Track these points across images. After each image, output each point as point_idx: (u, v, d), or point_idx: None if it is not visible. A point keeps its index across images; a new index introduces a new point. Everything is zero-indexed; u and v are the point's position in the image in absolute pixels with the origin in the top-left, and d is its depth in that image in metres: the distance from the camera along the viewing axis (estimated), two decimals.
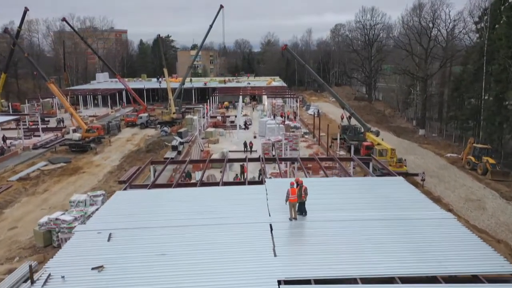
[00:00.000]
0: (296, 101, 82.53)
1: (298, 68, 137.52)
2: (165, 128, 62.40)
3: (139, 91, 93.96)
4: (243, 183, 24.19)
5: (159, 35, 69.82)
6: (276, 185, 21.99)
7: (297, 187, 17.17)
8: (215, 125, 64.12)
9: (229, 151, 47.10)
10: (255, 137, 56.07)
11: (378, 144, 38.99)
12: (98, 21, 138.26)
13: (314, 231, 16.27)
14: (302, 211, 17.37)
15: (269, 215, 17.60)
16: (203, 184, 24.06)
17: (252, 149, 46.39)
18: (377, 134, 46.87)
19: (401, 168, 35.18)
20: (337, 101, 51.89)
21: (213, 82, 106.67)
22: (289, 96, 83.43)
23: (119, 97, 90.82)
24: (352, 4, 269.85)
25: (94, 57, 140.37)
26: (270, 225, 16.66)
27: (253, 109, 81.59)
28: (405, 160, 38.63)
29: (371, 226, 16.49)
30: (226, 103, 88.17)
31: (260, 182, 23.28)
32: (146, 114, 68.60)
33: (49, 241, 25.48)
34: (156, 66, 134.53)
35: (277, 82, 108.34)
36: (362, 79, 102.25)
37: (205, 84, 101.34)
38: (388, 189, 21.19)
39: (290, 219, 17.01)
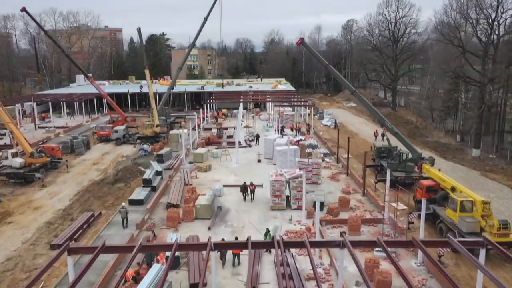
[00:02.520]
0: (307, 108, 68.89)
1: (306, 69, 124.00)
2: (145, 146, 48.91)
3: (123, 96, 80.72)
4: None
5: (139, 28, 56.06)
6: None
7: None
8: (208, 142, 50.56)
9: (224, 186, 33.67)
10: (259, 160, 42.53)
11: (454, 188, 25.02)
12: (83, 17, 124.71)
13: None
14: None
15: None
16: None
17: (257, 185, 32.59)
18: (432, 162, 33.26)
19: (507, 237, 21.44)
20: (374, 115, 38.33)
21: (210, 85, 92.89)
22: (298, 103, 69.84)
23: (99, 104, 77.34)
24: (352, 5, 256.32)
25: (81, 57, 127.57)
26: None
27: (253, 117, 66.59)
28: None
29: None
30: (224, 110, 74.45)
31: None
32: (122, 127, 54.95)
33: None
34: (149, 67, 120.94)
35: (284, 85, 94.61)
36: (386, 82, 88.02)
37: (203, 87, 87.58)
38: None
39: None
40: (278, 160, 38.72)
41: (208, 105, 70.93)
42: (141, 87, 78.86)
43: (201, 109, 63.42)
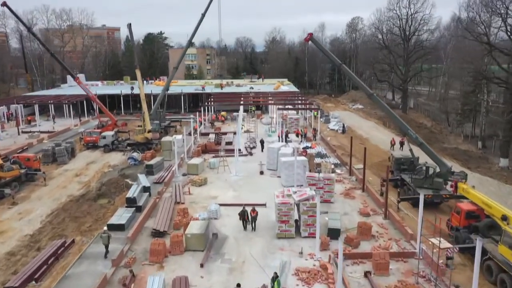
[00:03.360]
0: (313, 111, 64.01)
1: (309, 69, 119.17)
2: (134, 154, 43.95)
3: (116, 98, 75.93)
4: None
5: (129, 24, 51.24)
6: None
7: None
8: (205, 149, 45.71)
9: (220, 205, 28.79)
10: (261, 172, 37.64)
11: (505, 217, 20.04)
12: (76, 15, 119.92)
13: None
14: None
15: None
16: None
17: (260, 204, 27.83)
18: (464, 178, 28.50)
19: None
20: (395, 122, 33.56)
21: (208, 86, 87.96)
22: (303, 105, 64.98)
23: (90, 106, 72.57)
24: (353, 4, 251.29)
25: (75, 56, 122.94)
26: None
27: (254, 120, 61.23)
28: None
29: None
30: (223, 112, 69.64)
31: None
32: (111, 133, 50.10)
33: None
34: (145, 66, 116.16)
35: (286, 85, 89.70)
36: (396, 83, 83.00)
37: (203, 87, 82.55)
38: None
39: None
40: (283, 173, 33.89)
41: (206, 107, 66.16)
42: (132, 88, 73.64)
43: (198, 112, 58.62)
